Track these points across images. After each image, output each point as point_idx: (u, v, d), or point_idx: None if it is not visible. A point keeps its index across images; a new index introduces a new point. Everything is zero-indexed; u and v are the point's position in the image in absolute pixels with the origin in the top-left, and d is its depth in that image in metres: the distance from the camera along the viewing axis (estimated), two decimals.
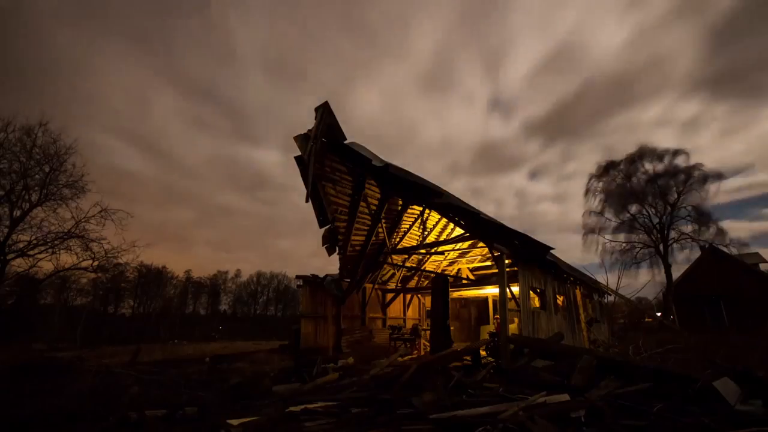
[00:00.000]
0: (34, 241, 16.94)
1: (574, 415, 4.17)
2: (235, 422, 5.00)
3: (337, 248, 11.22)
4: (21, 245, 16.17)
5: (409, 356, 11.42)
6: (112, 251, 16.54)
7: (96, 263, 16.65)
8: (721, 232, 26.90)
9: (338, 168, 9.82)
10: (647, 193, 29.06)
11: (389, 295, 15.78)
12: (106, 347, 22.68)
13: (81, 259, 17.27)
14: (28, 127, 15.22)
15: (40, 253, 17.11)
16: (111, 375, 9.67)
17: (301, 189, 9.29)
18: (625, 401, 5.04)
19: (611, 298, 20.64)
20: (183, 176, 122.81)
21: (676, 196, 28.20)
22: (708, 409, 4.91)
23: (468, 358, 9.36)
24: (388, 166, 8.57)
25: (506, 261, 8.58)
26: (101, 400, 6.46)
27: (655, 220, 29.05)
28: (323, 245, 10.77)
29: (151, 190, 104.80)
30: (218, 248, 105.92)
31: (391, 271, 15.77)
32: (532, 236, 8.41)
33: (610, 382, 5.87)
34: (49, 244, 17.22)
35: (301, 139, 8.34)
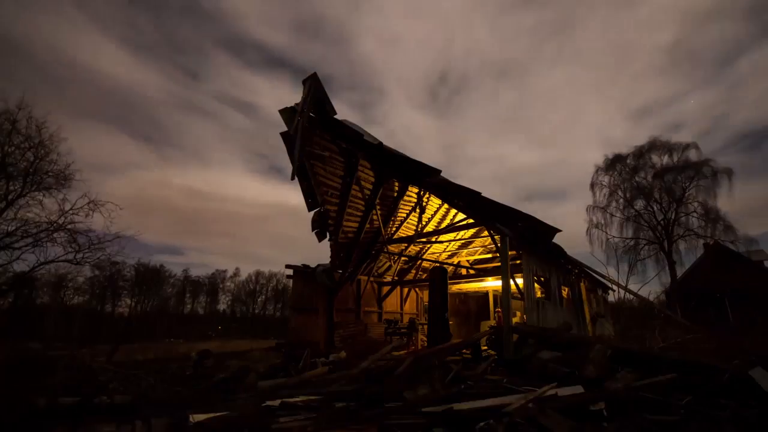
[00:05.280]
0: (19, 234, 16.28)
1: (594, 408, 3.52)
2: (201, 417, 4.41)
3: (327, 234, 10.58)
4: (2, 236, 15.53)
5: (405, 351, 10.82)
6: (97, 242, 15.93)
7: (81, 255, 16.01)
8: (729, 229, 26.11)
9: (328, 147, 9.19)
10: (654, 189, 28.29)
11: (385, 288, 15.14)
12: (102, 346, 22.29)
13: (67, 251, 16.60)
14: (7, 111, 14.56)
15: (26, 246, 16.47)
16: (90, 371, 9.34)
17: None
18: (648, 394, 4.41)
19: (617, 294, 19.99)
20: None
21: (682, 191, 27.45)
22: (743, 401, 4.29)
23: (467, 351, 8.76)
24: (381, 144, 7.97)
25: (510, 253, 7.98)
26: (74, 395, 5.97)
27: (660, 217, 28.33)
28: (312, 230, 10.12)
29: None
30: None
31: (388, 263, 15.13)
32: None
33: (627, 374, 5.23)
34: (34, 236, 16.56)
35: (287, 113, 7.71)
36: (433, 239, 14.35)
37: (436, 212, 14.49)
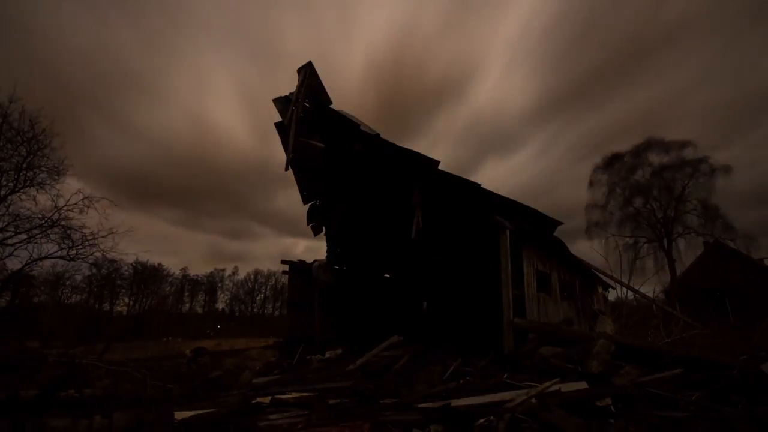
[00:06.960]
0: (11, 229, 16.01)
1: (600, 404, 3.32)
2: (185, 414, 4.20)
3: (323, 228, 10.36)
4: None
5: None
6: (90, 237, 15.65)
7: (74, 251, 15.74)
8: (729, 227, 25.92)
9: (324, 137, 8.94)
10: (652, 187, 28.11)
11: None
12: (100, 344, 22.27)
13: (60, 248, 16.34)
14: None
15: (19, 242, 16.22)
16: (83, 368, 9.21)
17: None
18: (655, 390, 4.23)
19: (618, 291, 19.81)
20: None
21: (681, 189, 27.27)
22: (755, 397, 4.10)
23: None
24: (378, 135, 7.77)
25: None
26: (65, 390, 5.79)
27: (660, 215, 28.14)
28: (308, 224, 9.91)
29: None
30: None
31: None
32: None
33: (632, 369, 5.04)
34: (27, 232, 16.30)
35: (281, 103, 7.50)
36: None
37: None
